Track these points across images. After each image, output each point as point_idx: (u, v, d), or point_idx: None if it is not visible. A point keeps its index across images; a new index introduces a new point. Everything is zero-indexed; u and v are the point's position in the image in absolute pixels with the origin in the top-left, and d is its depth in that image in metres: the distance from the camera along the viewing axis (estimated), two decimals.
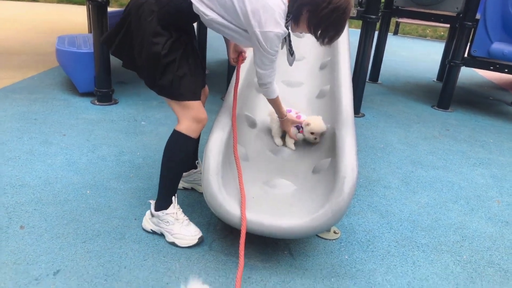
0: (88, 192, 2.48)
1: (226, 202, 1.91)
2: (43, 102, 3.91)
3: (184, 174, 2.44)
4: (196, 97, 2.00)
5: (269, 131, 2.62)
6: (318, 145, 2.46)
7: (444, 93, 5.05)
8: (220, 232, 2.22)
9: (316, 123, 2.40)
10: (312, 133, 2.42)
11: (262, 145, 2.56)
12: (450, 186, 3.01)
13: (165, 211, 2.06)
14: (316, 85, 3.06)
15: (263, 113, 2.69)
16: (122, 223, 2.21)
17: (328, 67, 3.13)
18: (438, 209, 2.68)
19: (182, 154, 2.03)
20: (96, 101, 4.03)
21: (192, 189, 2.58)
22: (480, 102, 5.72)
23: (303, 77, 3.18)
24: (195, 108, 1.99)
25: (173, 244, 2.05)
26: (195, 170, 2.51)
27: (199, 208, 2.41)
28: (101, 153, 2.99)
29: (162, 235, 2.11)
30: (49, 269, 1.83)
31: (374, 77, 6.18)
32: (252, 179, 2.22)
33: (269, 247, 2.10)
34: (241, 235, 1.81)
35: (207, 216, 2.34)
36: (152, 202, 2.13)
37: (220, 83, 4.84)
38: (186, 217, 2.11)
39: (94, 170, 2.74)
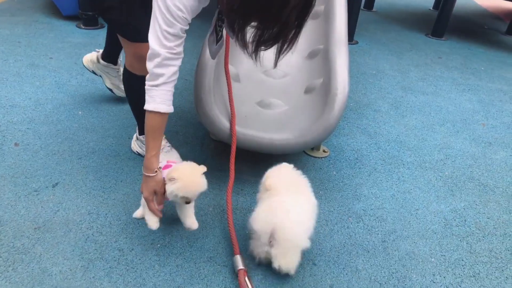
0: (80, 113, 2.48)
1: (218, 119, 1.93)
2: (25, 25, 3.75)
3: (102, 62, 2.45)
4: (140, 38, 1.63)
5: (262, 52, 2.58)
6: (310, 65, 2.45)
7: (439, 21, 4.95)
8: (214, 151, 2.28)
9: (190, 180, 1.45)
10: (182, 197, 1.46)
11: (254, 66, 2.53)
12: (438, 110, 3.07)
13: None
14: None
15: None
16: (116, 141, 2.25)
17: None
18: (425, 131, 2.75)
19: (129, 89, 1.95)
20: (81, 25, 3.87)
21: (101, 76, 2.55)
22: (474, 30, 5.63)
23: None
24: (137, 46, 1.75)
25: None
26: (113, 66, 2.48)
27: (192, 129, 2.45)
28: (91, 76, 2.93)
29: None
30: (48, 182, 1.89)
31: (369, 4, 5.98)
32: (244, 99, 2.23)
33: (261, 163, 2.16)
34: (232, 149, 1.86)
35: (200, 137, 2.38)
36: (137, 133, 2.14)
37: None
38: (168, 144, 2.11)
39: (84, 92, 2.72)
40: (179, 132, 2.40)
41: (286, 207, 1.47)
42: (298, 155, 2.30)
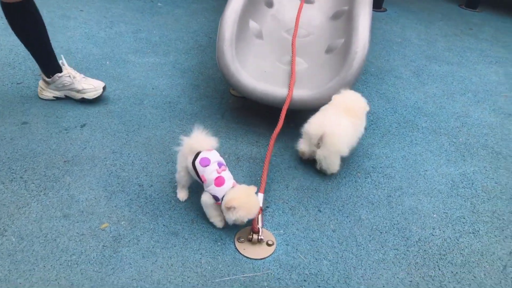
0: (107, 63, 2.59)
1: (238, 72, 2.01)
2: None
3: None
4: None
5: (283, 11, 2.60)
6: (334, 26, 2.46)
7: None
8: (232, 105, 2.36)
9: (249, 206, 1.45)
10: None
11: (278, 25, 2.56)
12: (461, 80, 3.04)
13: (59, 74, 2.07)
14: None
15: None
16: (141, 91, 2.36)
17: None
18: (445, 99, 2.75)
19: (13, 23, 1.89)
20: None
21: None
22: (511, 3, 5.39)
23: None
24: None
25: (83, 100, 2.13)
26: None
27: (213, 83, 2.53)
28: (119, 30, 3.04)
29: (179, 103, 2.26)
30: (77, 122, 2.03)
31: None
32: (265, 55, 2.29)
33: (276, 120, 2.24)
34: (286, 102, 1.96)
35: (221, 91, 2.47)
36: (42, 75, 2.10)
37: None
38: (81, 74, 2.15)
39: (112, 44, 2.82)
40: (200, 85, 2.49)
41: (339, 119, 1.80)
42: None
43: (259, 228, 1.52)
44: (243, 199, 1.43)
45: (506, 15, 4.75)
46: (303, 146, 1.90)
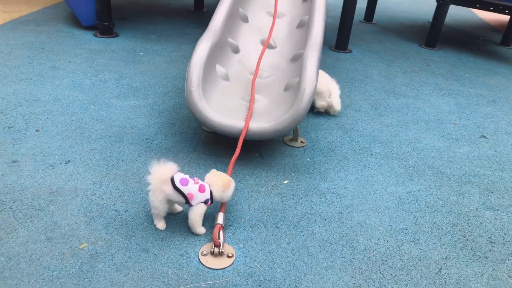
0: (91, 107, 2.87)
1: (205, 109, 2.29)
2: (49, 34, 4.22)
3: None
4: None
5: (248, 56, 2.94)
6: (292, 67, 2.79)
7: (432, 32, 5.23)
8: (204, 139, 2.62)
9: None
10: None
11: (243, 68, 2.89)
12: (416, 111, 3.36)
13: None
14: (298, 16, 3.31)
15: (246, 40, 2.99)
16: (121, 130, 2.62)
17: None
18: (399, 128, 3.05)
19: None
20: (98, 34, 4.32)
21: None
22: (469, 41, 5.88)
23: (287, 8, 3.43)
24: None
25: None
26: None
27: (187, 122, 2.80)
28: (103, 77, 3.35)
29: (156, 140, 2.52)
30: (62, 159, 2.26)
31: (369, 17, 6.31)
32: (230, 94, 2.58)
33: (243, 150, 2.50)
34: (242, 133, 2.22)
35: (194, 128, 2.74)
36: None
37: None
38: None
39: (96, 90, 3.12)
40: (175, 123, 2.76)
41: (332, 80, 3.14)
42: (278, 144, 2.62)
43: (220, 243, 1.73)
44: (225, 176, 1.87)
45: (463, 52, 5.21)
46: (321, 102, 3.03)
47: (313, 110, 3.10)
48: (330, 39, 4.83)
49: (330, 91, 3.02)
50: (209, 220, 1.91)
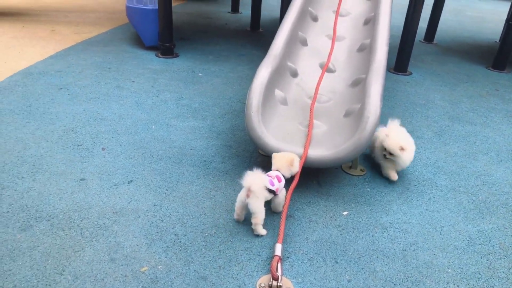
0: (153, 127, 2.97)
1: (264, 135, 2.28)
2: (115, 54, 4.47)
3: None
4: None
5: (307, 80, 2.91)
6: (352, 92, 2.72)
7: (501, 53, 4.93)
8: (260, 163, 2.60)
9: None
10: None
11: (301, 92, 2.86)
12: (484, 140, 3.14)
13: None
14: (358, 39, 3.25)
15: (304, 63, 2.97)
16: (180, 151, 2.67)
17: (371, 22, 3.29)
18: (466, 158, 2.86)
19: None
20: (159, 54, 4.51)
21: None
22: None
23: (346, 31, 3.38)
24: None
25: None
26: None
27: (244, 144, 2.81)
28: (164, 97, 3.47)
29: (213, 162, 2.55)
30: (125, 179, 2.34)
31: (430, 37, 6.07)
32: (288, 119, 2.56)
33: (301, 177, 2.45)
34: (301, 161, 2.19)
35: (250, 151, 2.73)
36: None
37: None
38: None
39: (158, 110, 3.23)
40: (232, 146, 2.78)
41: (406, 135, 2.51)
42: (337, 172, 2.55)
43: (278, 276, 1.69)
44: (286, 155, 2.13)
45: None
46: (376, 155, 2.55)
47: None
48: (388, 60, 4.68)
49: (403, 145, 2.39)
50: (266, 249, 1.87)
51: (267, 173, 2.07)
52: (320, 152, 2.22)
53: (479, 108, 3.76)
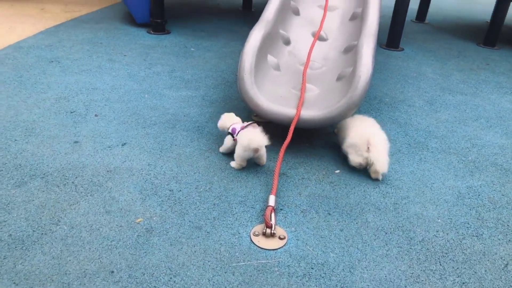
0: (146, 96, 2.96)
1: (256, 96, 2.29)
2: (106, 31, 4.43)
3: None
4: None
5: (299, 48, 2.92)
6: (345, 58, 2.74)
7: (491, 30, 4.96)
8: None
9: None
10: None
11: (294, 59, 2.87)
12: (474, 108, 3.18)
13: None
14: (350, 9, 3.26)
15: (297, 32, 2.98)
16: (174, 117, 2.68)
17: None
18: (457, 124, 2.90)
19: None
20: (151, 31, 4.47)
21: None
22: None
23: (339, 1, 3.38)
24: None
25: None
26: None
27: (238, 112, 2.82)
28: (156, 70, 3.45)
29: (207, 127, 2.56)
30: (118, 142, 2.35)
31: (421, 16, 6.10)
32: (281, 84, 2.57)
33: (294, 139, 2.47)
34: (295, 118, 2.22)
35: (244, 118, 2.73)
36: None
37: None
38: None
39: (150, 81, 3.22)
40: (225, 109, 2.78)
41: (374, 125, 2.29)
42: (330, 136, 2.57)
43: (272, 224, 1.71)
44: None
45: None
46: (355, 158, 2.17)
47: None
48: (380, 37, 4.70)
49: (370, 144, 2.12)
50: (260, 202, 1.90)
51: (241, 125, 2.21)
52: (312, 112, 2.23)
53: (469, 80, 3.80)
